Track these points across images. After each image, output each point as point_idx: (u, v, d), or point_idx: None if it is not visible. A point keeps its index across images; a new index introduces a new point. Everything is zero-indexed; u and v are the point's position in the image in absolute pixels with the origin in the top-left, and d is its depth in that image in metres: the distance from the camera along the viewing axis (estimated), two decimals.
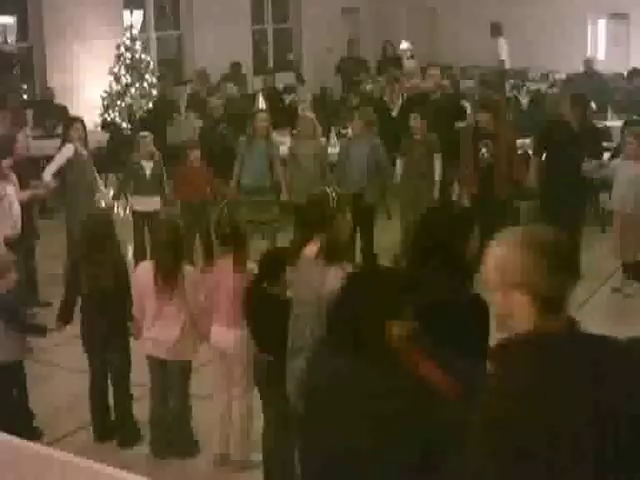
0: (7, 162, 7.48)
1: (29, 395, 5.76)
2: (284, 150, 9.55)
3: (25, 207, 7.67)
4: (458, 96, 11.10)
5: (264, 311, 4.83)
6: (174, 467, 5.38)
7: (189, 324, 5.35)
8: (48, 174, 8.35)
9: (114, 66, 13.08)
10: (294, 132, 9.90)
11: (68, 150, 8.43)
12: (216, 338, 5.28)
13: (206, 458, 5.46)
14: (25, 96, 13.00)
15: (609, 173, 8.42)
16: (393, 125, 10.73)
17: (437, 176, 8.96)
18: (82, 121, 8.77)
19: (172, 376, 5.42)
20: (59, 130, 10.43)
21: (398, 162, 9.16)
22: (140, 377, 5.66)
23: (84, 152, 8.57)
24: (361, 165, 8.88)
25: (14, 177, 7.59)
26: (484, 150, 8.59)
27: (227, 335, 5.20)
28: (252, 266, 5.19)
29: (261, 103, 12.13)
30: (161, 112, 12.57)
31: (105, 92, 13.07)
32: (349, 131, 9.63)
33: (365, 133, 9.06)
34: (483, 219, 8.98)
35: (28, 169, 8.39)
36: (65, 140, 8.61)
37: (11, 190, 7.43)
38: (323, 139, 10.22)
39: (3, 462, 3.34)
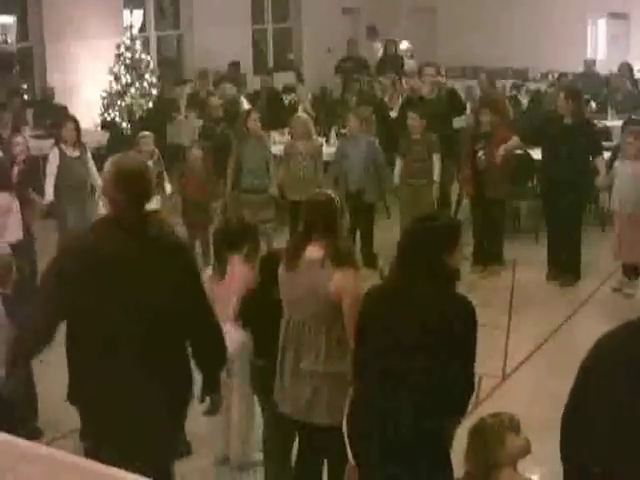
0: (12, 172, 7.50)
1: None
2: (281, 149, 9.58)
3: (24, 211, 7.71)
4: (454, 92, 11.02)
5: (266, 315, 4.82)
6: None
7: None
8: (49, 194, 8.37)
9: (114, 66, 13.07)
10: (289, 131, 9.90)
11: (54, 157, 8.43)
12: None
13: (206, 458, 5.46)
14: (25, 96, 12.99)
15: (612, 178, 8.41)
16: (392, 125, 10.73)
17: (436, 176, 8.97)
18: (75, 120, 8.74)
19: None
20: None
21: (397, 162, 9.14)
22: None
23: (75, 153, 8.53)
24: (359, 164, 8.88)
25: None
26: (482, 151, 8.60)
27: (229, 336, 5.18)
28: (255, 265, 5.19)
29: (245, 104, 12.08)
30: (161, 112, 12.58)
31: (105, 92, 13.06)
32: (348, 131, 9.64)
33: (362, 132, 9.08)
34: (483, 218, 9.09)
35: (29, 170, 8.40)
36: (57, 141, 8.60)
37: (14, 201, 7.45)
38: (320, 139, 10.22)
39: (3, 462, 3.33)
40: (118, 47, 13.08)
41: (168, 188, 8.95)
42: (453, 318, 3.54)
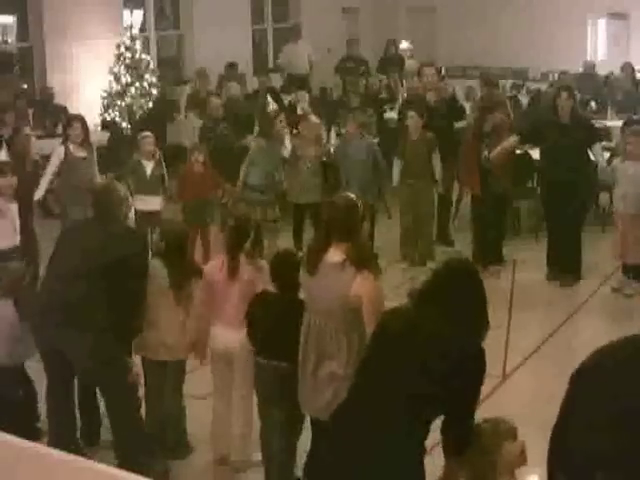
0: (12, 181, 7.35)
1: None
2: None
3: (23, 215, 7.64)
4: (455, 98, 11.01)
5: (279, 316, 4.82)
6: (174, 467, 5.37)
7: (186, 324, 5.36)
8: (39, 193, 8.32)
9: (114, 66, 13.07)
10: (296, 133, 9.88)
11: (56, 157, 8.43)
12: (219, 339, 5.27)
13: (206, 458, 5.46)
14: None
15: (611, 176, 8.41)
16: (392, 127, 10.73)
17: (437, 174, 8.94)
18: (82, 119, 8.72)
19: (167, 376, 5.41)
20: (59, 130, 10.43)
21: (395, 163, 9.10)
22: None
23: (81, 153, 8.53)
24: (359, 165, 8.89)
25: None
26: (487, 149, 8.59)
27: (231, 335, 5.18)
28: (259, 264, 5.19)
29: (272, 104, 11.98)
30: (161, 112, 12.57)
31: (105, 92, 13.06)
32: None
33: (360, 135, 9.07)
34: (484, 216, 9.07)
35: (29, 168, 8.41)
36: (64, 140, 8.60)
37: (14, 207, 7.38)
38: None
39: (3, 462, 3.33)
40: (118, 47, 13.08)
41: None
42: (458, 365, 3.43)
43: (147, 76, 13.21)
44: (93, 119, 12.63)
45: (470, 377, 3.46)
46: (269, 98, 12.49)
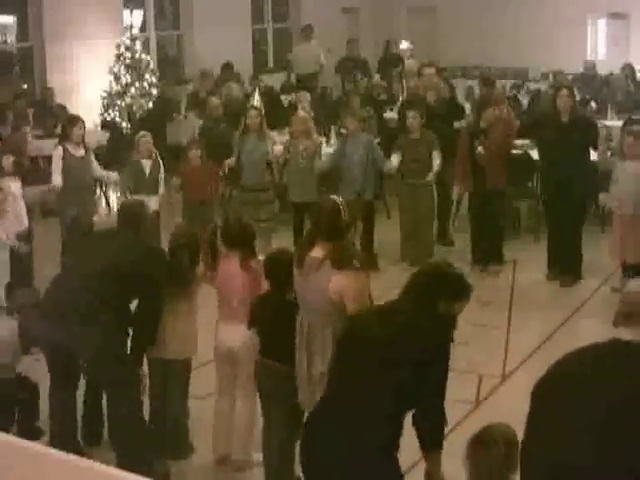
0: (8, 159, 7.47)
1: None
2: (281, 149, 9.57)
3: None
4: (454, 98, 11.01)
5: (274, 315, 4.83)
6: (175, 467, 5.37)
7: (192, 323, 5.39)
8: (57, 180, 8.40)
9: (114, 66, 13.08)
10: (289, 131, 9.89)
11: (58, 155, 8.45)
12: (222, 336, 5.27)
13: (207, 458, 5.45)
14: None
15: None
16: (392, 126, 10.72)
17: (436, 167, 8.92)
18: (80, 120, 8.73)
19: (173, 375, 5.42)
20: (59, 130, 10.43)
21: (393, 157, 9.06)
22: None
23: (80, 153, 8.53)
24: (358, 164, 8.87)
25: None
26: (481, 147, 8.58)
27: (234, 333, 5.18)
28: (259, 263, 5.20)
29: (257, 101, 11.97)
30: (161, 112, 12.58)
31: (105, 92, 13.07)
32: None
33: (359, 132, 9.08)
34: (482, 214, 9.06)
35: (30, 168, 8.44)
36: (62, 140, 8.60)
37: (16, 187, 7.44)
38: (321, 138, 10.22)
39: (3, 462, 3.33)
40: (118, 47, 13.09)
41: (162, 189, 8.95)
42: (422, 344, 3.56)
43: (147, 76, 13.22)
44: (93, 119, 12.64)
45: (439, 363, 3.59)
46: (256, 95, 12.41)
